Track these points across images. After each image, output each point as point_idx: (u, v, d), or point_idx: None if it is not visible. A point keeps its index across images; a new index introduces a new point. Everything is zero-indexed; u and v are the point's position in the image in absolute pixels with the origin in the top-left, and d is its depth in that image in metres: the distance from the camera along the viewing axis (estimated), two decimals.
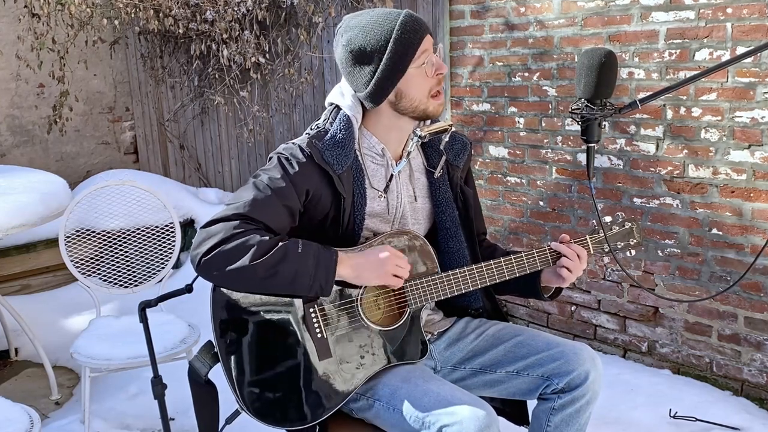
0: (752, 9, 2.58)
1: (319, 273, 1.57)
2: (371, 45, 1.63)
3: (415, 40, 1.63)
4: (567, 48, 3.13)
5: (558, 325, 3.40)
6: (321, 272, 1.57)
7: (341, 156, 1.66)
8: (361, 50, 1.64)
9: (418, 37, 1.63)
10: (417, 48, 1.63)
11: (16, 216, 2.72)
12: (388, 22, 1.63)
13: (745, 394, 2.81)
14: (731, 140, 2.71)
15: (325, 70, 4.14)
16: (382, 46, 1.62)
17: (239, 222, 1.57)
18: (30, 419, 1.88)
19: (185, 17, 4.29)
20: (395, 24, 1.62)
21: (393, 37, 1.61)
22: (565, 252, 1.77)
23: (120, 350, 2.50)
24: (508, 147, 3.44)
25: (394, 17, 1.63)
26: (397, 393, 1.62)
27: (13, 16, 4.83)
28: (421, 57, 1.65)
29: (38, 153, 5.18)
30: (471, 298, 1.86)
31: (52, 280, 4.12)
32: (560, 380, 1.71)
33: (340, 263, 1.61)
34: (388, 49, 1.61)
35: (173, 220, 2.92)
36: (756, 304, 2.74)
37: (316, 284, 1.57)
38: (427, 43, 1.66)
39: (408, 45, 1.62)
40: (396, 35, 1.61)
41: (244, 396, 1.61)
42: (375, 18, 1.65)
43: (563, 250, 1.77)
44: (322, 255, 1.58)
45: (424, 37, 1.65)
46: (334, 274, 1.59)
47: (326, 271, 1.58)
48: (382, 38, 1.62)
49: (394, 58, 1.62)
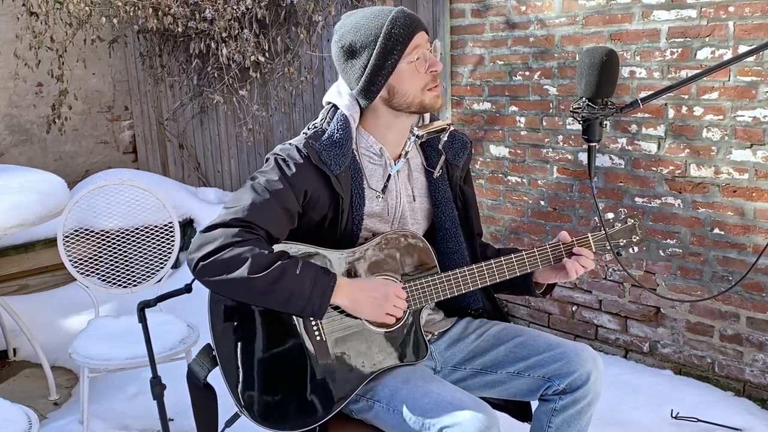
0: (754, 7, 2.57)
1: (313, 297, 1.55)
2: (362, 40, 1.63)
3: (404, 35, 1.62)
4: (568, 47, 3.11)
5: (559, 325, 3.39)
6: (316, 297, 1.56)
7: (339, 156, 1.65)
8: (352, 45, 1.64)
9: (409, 33, 1.62)
10: (407, 43, 1.62)
11: (14, 215, 2.71)
12: (379, 18, 1.63)
13: (747, 394, 2.80)
14: (733, 139, 2.70)
15: (325, 69, 4.13)
16: (372, 41, 1.62)
17: (239, 230, 1.56)
18: (28, 420, 1.88)
19: (184, 16, 4.27)
20: (386, 19, 1.62)
21: (383, 32, 1.61)
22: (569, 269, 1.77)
23: (119, 350, 2.49)
24: (509, 146, 3.42)
25: (386, 13, 1.64)
26: (397, 394, 1.62)
27: (11, 15, 4.81)
28: (413, 52, 1.63)
29: (37, 152, 5.17)
30: (471, 299, 1.85)
31: (50, 280, 4.11)
32: (561, 381, 1.71)
33: (338, 291, 1.59)
34: (377, 43, 1.61)
35: (172, 220, 2.91)
36: (758, 304, 2.73)
37: (309, 308, 1.56)
38: (420, 39, 1.65)
39: (397, 40, 1.61)
40: (386, 30, 1.61)
41: (244, 399, 1.60)
42: (367, 14, 1.66)
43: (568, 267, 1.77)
44: (319, 280, 1.56)
45: (415, 33, 1.63)
46: (329, 301, 1.58)
47: (321, 297, 1.56)
48: (372, 33, 1.62)
49: (383, 52, 1.61)
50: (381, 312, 1.63)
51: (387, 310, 1.63)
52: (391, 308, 1.64)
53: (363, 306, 1.62)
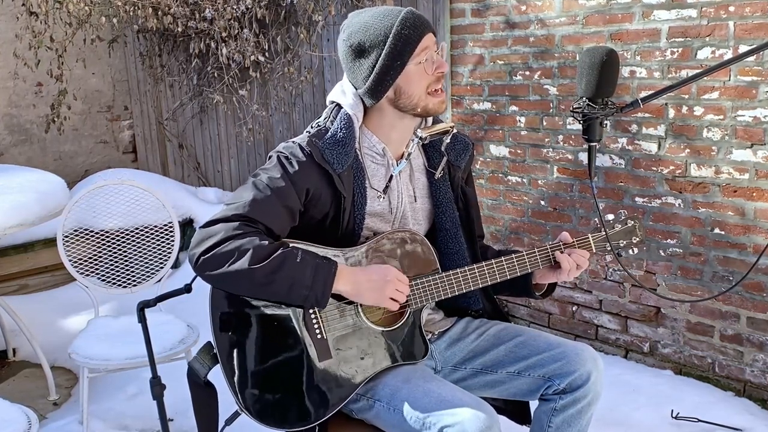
0: (755, 7, 2.57)
1: (316, 285, 1.54)
2: (371, 40, 1.62)
3: (414, 36, 1.62)
4: (568, 46, 3.11)
5: (559, 325, 3.39)
6: (318, 284, 1.55)
7: (341, 155, 1.65)
8: (360, 45, 1.64)
9: (418, 34, 1.62)
10: (416, 44, 1.62)
11: (13, 215, 2.71)
12: (389, 18, 1.63)
13: (748, 394, 2.80)
14: (733, 139, 2.70)
15: (325, 68, 4.12)
16: (381, 41, 1.62)
17: (239, 224, 1.56)
18: (28, 420, 1.88)
19: (184, 15, 4.27)
20: (396, 20, 1.62)
21: (392, 33, 1.61)
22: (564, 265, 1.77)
23: (118, 350, 2.49)
24: (509, 146, 3.42)
25: (395, 14, 1.63)
26: (397, 393, 1.61)
27: (10, 14, 4.81)
28: (421, 54, 1.64)
29: (36, 152, 5.16)
30: (470, 299, 1.85)
31: (50, 280, 4.10)
32: (561, 381, 1.71)
33: (340, 277, 1.58)
34: (387, 43, 1.61)
35: (172, 220, 2.91)
36: (758, 304, 2.73)
37: (312, 296, 1.55)
38: (428, 40, 1.65)
39: (407, 41, 1.61)
40: (396, 30, 1.61)
41: (244, 397, 1.60)
42: (376, 14, 1.65)
43: (562, 263, 1.77)
44: (321, 267, 1.56)
45: (424, 35, 1.64)
46: (331, 287, 1.56)
47: (323, 284, 1.55)
48: (381, 33, 1.62)
49: (393, 53, 1.61)
50: (383, 296, 1.60)
51: (389, 294, 1.60)
52: (393, 291, 1.61)
53: (364, 290, 1.60)
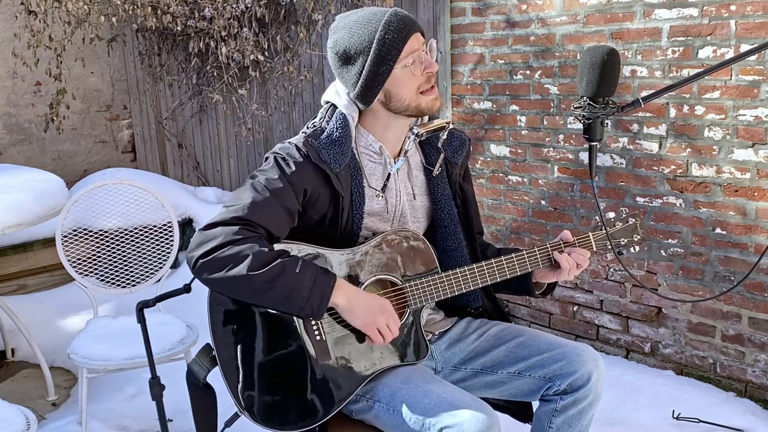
0: (756, 6, 2.56)
1: (313, 296, 1.54)
2: (355, 46, 1.61)
3: (398, 40, 1.60)
4: (569, 46, 3.10)
5: (560, 325, 3.38)
6: (315, 296, 1.54)
7: (338, 154, 1.64)
8: (346, 52, 1.63)
9: (403, 37, 1.60)
10: (401, 48, 1.60)
11: (12, 215, 2.71)
12: (372, 23, 1.61)
13: (749, 395, 2.79)
14: (735, 139, 2.69)
15: (325, 67, 4.12)
16: (366, 48, 1.60)
17: (239, 228, 1.55)
18: (26, 420, 1.87)
19: (183, 14, 4.26)
20: (379, 24, 1.60)
21: (376, 38, 1.59)
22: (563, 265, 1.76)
23: (117, 351, 2.48)
24: (510, 145, 3.41)
25: (379, 17, 1.61)
26: (397, 394, 1.61)
27: (9, 13, 4.80)
28: (407, 57, 1.62)
29: (35, 151, 5.16)
30: (470, 297, 1.84)
31: (49, 280, 4.09)
32: (562, 381, 1.70)
33: (337, 290, 1.57)
34: (371, 49, 1.60)
35: (171, 220, 2.90)
36: (760, 304, 2.72)
37: (308, 307, 1.54)
38: (415, 41, 1.63)
39: (391, 46, 1.59)
40: (379, 36, 1.59)
41: (243, 399, 1.59)
42: (361, 18, 1.63)
43: (562, 263, 1.76)
44: (319, 278, 1.55)
45: (409, 36, 1.61)
46: (329, 300, 1.56)
47: (321, 295, 1.55)
48: (365, 39, 1.60)
49: (378, 59, 1.60)
50: (373, 323, 1.60)
51: (379, 324, 1.60)
52: (383, 325, 1.60)
53: (358, 310, 1.59)
